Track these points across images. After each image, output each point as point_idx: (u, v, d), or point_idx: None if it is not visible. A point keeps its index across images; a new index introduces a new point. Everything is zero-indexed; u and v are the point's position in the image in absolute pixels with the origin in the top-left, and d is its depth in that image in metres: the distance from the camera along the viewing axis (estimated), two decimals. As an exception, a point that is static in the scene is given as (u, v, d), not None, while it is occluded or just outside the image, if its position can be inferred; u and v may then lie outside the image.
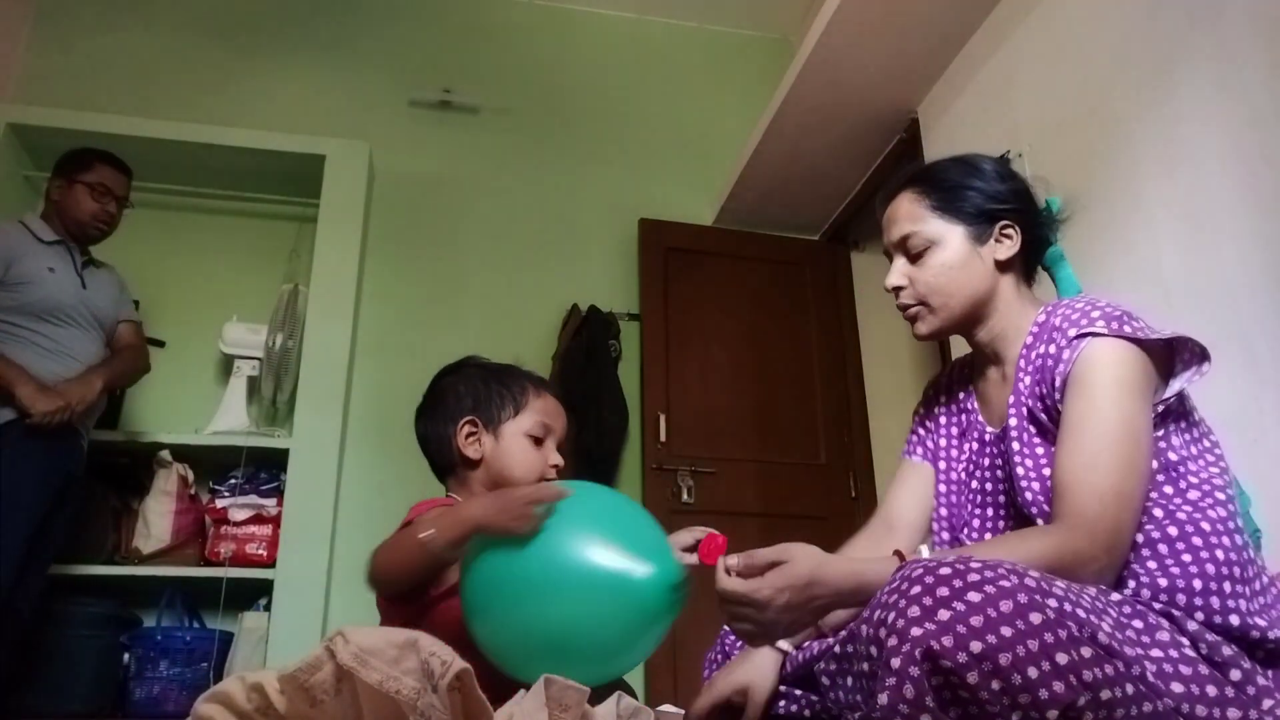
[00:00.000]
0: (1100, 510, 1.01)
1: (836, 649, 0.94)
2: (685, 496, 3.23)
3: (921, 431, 1.39)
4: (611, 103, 3.92)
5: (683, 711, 1.16)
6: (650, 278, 3.53)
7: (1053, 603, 0.82)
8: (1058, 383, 1.11)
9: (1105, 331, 1.09)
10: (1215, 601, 0.99)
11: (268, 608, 2.81)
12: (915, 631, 0.79)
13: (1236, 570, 1.02)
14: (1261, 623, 0.98)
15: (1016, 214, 1.26)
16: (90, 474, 2.62)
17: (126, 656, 2.75)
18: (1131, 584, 1.03)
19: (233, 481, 2.94)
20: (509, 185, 3.70)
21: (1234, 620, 0.98)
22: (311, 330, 3.13)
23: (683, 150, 3.90)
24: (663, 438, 3.28)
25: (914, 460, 1.38)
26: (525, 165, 3.74)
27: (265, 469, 3.01)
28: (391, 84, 3.71)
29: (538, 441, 1.40)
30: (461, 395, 1.41)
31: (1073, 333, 1.11)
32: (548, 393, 1.44)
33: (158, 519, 2.85)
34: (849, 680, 0.92)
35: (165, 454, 2.90)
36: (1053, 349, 1.13)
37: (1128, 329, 1.09)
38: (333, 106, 3.62)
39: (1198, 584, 1.00)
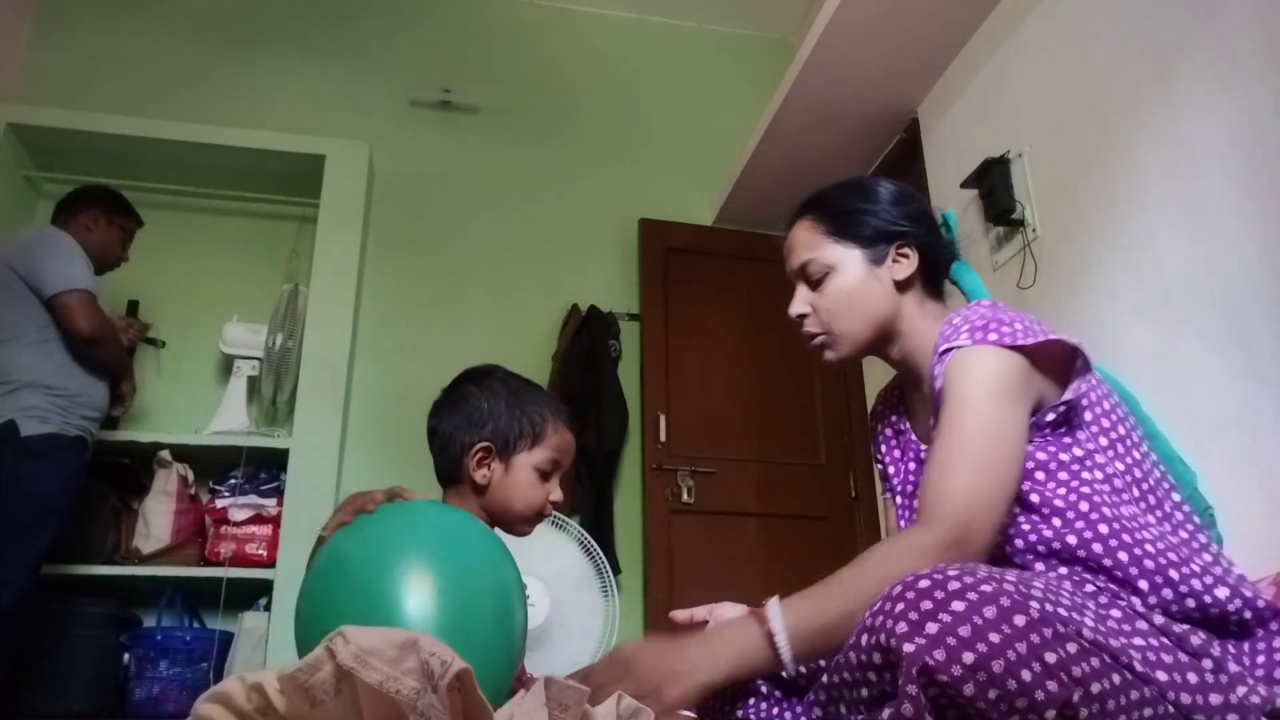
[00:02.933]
0: (950, 507, 1.02)
1: (824, 679, 0.94)
2: (685, 496, 3.23)
3: (880, 468, 1.41)
4: (611, 103, 3.92)
5: (687, 713, 1.15)
6: (650, 278, 3.53)
7: (1034, 604, 0.83)
8: (939, 401, 1.12)
9: (969, 342, 1.10)
10: (1168, 592, 1.00)
11: (268, 608, 2.81)
12: (908, 648, 0.79)
13: (1171, 555, 1.02)
14: (1221, 594, 0.99)
15: (912, 235, 1.26)
16: (90, 474, 2.63)
17: (126, 656, 2.75)
18: (1089, 589, 1.04)
19: (233, 481, 2.94)
20: (509, 185, 3.70)
21: (1191, 604, 0.98)
22: (311, 330, 3.13)
23: (683, 150, 3.90)
24: (663, 438, 3.28)
25: (889, 497, 1.40)
26: (525, 165, 3.74)
27: (265, 469, 3.01)
28: (391, 84, 3.72)
29: (544, 475, 1.41)
30: (484, 413, 1.38)
31: (941, 349, 1.13)
32: (565, 427, 1.43)
33: (158, 519, 2.85)
34: (842, 709, 0.92)
35: (165, 454, 2.90)
36: (936, 369, 1.14)
37: (991, 336, 1.09)
38: (333, 106, 3.62)
39: (1144, 584, 1.01)
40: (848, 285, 1.25)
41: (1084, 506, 1.06)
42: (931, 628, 0.79)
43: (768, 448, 3.40)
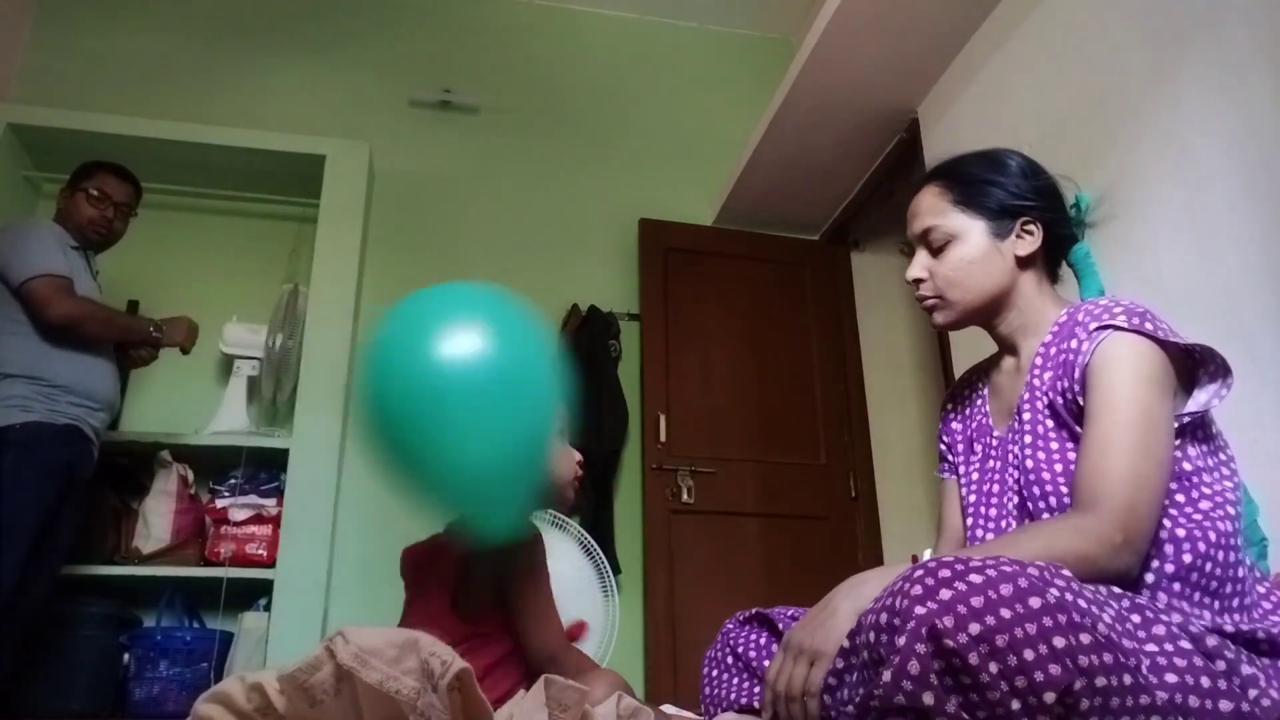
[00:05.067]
0: (1113, 491, 1.02)
1: (845, 643, 0.94)
2: (685, 496, 3.23)
3: (942, 448, 1.41)
4: (611, 103, 3.92)
5: (686, 713, 1.15)
6: (650, 278, 3.53)
7: (1054, 591, 0.83)
8: (1077, 374, 1.13)
9: (1125, 326, 1.10)
10: (1207, 615, 1.01)
11: (268, 608, 2.81)
12: (919, 610, 0.80)
13: (1225, 587, 1.04)
14: (1244, 625, 1.00)
15: (1039, 211, 1.27)
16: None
17: (126, 656, 2.75)
18: (1116, 589, 1.03)
19: (233, 481, 2.94)
20: (509, 185, 3.70)
21: (1227, 628, 1.00)
22: (311, 330, 3.12)
23: (683, 150, 3.90)
24: (663, 438, 3.28)
25: (945, 478, 1.40)
26: (525, 165, 3.74)
27: (265, 469, 3.01)
28: (391, 84, 3.72)
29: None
30: None
31: (1093, 326, 1.13)
32: None
33: (158, 519, 2.85)
34: (853, 675, 0.92)
35: (165, 454, 2.90)
36: (1074, 343, 1.14)
37: (1148, 326, 1.10)
38: (333, 106, 3.62)
39: (1197, 595, 1.02)
40: (968, 255, 1.26)
41: (1166, 522, 1.06)
42: (945, 594, 0.79)
43: (768, 448, 3.40)
